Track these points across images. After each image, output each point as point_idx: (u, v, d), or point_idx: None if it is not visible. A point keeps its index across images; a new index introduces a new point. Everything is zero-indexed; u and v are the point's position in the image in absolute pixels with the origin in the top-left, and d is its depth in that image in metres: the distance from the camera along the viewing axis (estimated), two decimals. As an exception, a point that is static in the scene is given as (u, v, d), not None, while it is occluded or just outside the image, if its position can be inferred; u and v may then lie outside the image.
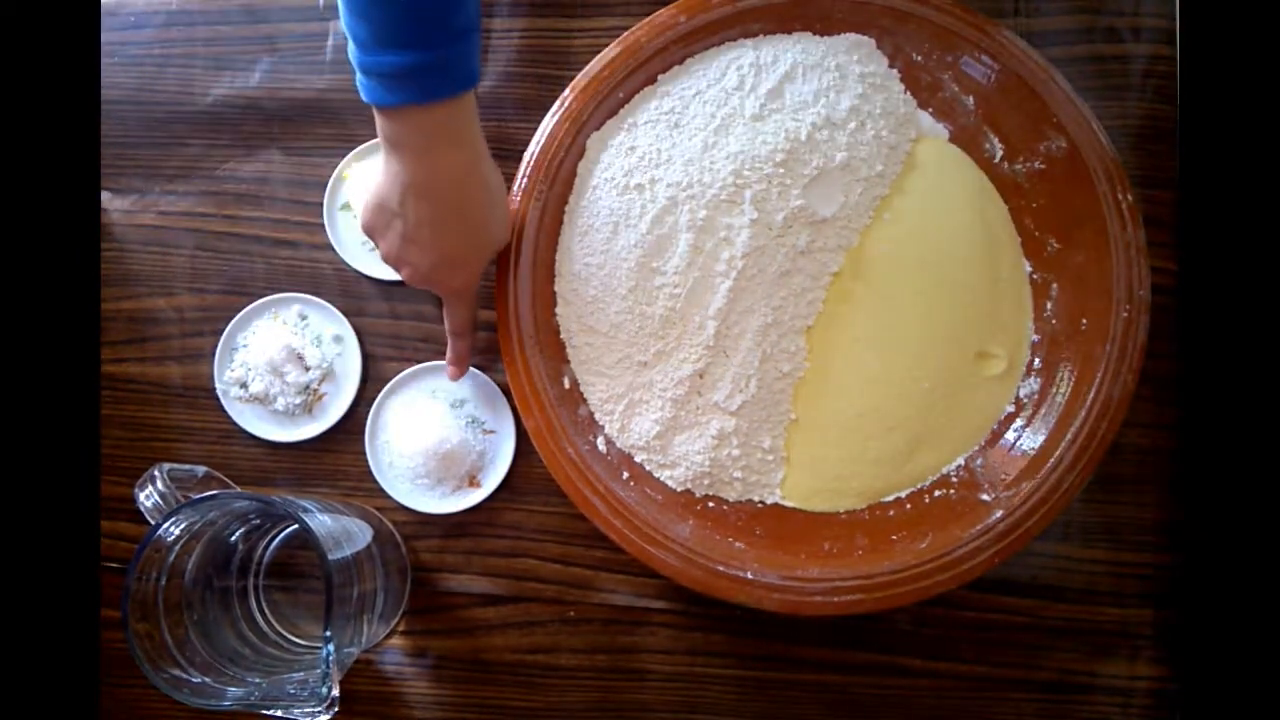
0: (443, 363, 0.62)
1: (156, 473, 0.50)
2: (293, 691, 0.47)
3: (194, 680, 0.48)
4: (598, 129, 0.59)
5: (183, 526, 0.50)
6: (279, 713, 0.46)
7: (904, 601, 0.51)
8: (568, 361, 0.58)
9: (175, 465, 0.53)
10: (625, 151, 0.58)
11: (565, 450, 0.54)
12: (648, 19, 0.58)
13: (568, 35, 0.67)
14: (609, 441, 0.57)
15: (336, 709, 0.46)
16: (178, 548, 0.51)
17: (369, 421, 0.63)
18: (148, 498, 0.49)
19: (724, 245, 0.55)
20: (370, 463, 0.62)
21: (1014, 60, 0.56)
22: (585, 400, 0.58)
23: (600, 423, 0.57)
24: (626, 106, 0.59)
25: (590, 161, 0.59)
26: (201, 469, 0.56)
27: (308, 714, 0.46)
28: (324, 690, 0.46)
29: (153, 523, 0.49)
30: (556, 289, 0.58)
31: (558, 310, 0.58)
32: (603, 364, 0.56)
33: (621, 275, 0.56)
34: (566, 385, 0.57)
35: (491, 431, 0.62)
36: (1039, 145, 0.57)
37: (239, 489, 0.60)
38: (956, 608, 0.60)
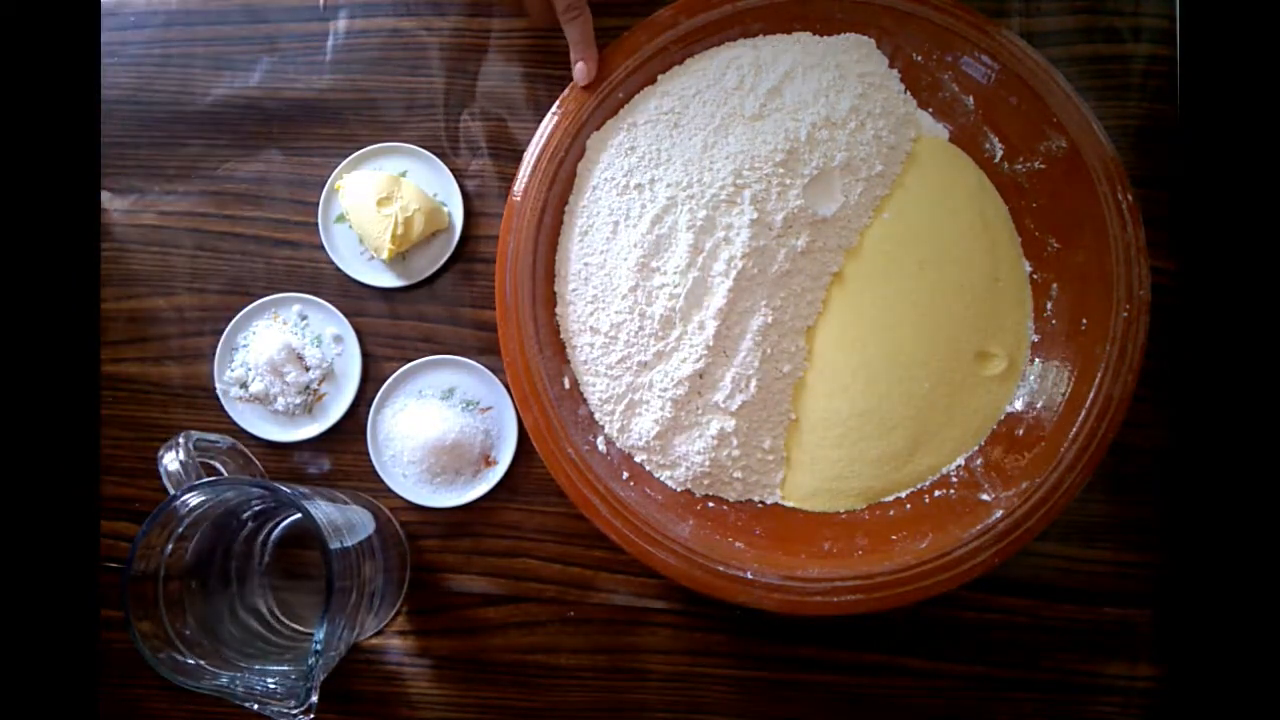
0: (427, 359, 0.63)
1: (182, 439, 0.50)
2: (273, 686, 0.47)
3: (181, 659, 0.48)
4: (598, 129, 0.59)
5: (194, 504, 0.51)
6: (255, 706, 0.46)
7: (904, 601, 0.51)
8: (568, 361, 0.58)
9: (202, 435, 0.53)
10: (625, 151, 0.58)
11: (565, 450, 0.54)
12: (648, 19, 0.58)
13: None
14: (609, 442, 0.57)
15: (313, 715, 0.46)
16: (188, 520, 0.51)
17: (370, 424, 0.63)
18: (171, 461, 0.50)
19: (724, 245, 0.55)
20: (376, 465, 0.62)
21: (1014, 60, 0.56)
22: (585, 400, 0.58)
23: (600, 423, 0.57)
24: (626, 106, 0.59)
25: (590, 161, 0.59)
26: (228, 440, 0.56)
27: (286, 713, 0.46)
28: (305, 688, 0.46)
29: (171, 489, 0.49)
30: (556, 289, 0.58)
31: (558, 310, 0.58)
32: (603, 364, 0.56)
33: (621, 275, 0.56)
34: (566, 385, 0.57)
35: (489, 408, 0.63)
36: (1039, 145, 0.57)
37: (260, 466, 0.60)
38: (956, 608, 0.60)
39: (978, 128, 0.59)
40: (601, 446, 0.56)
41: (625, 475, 0.56)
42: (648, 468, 0.57)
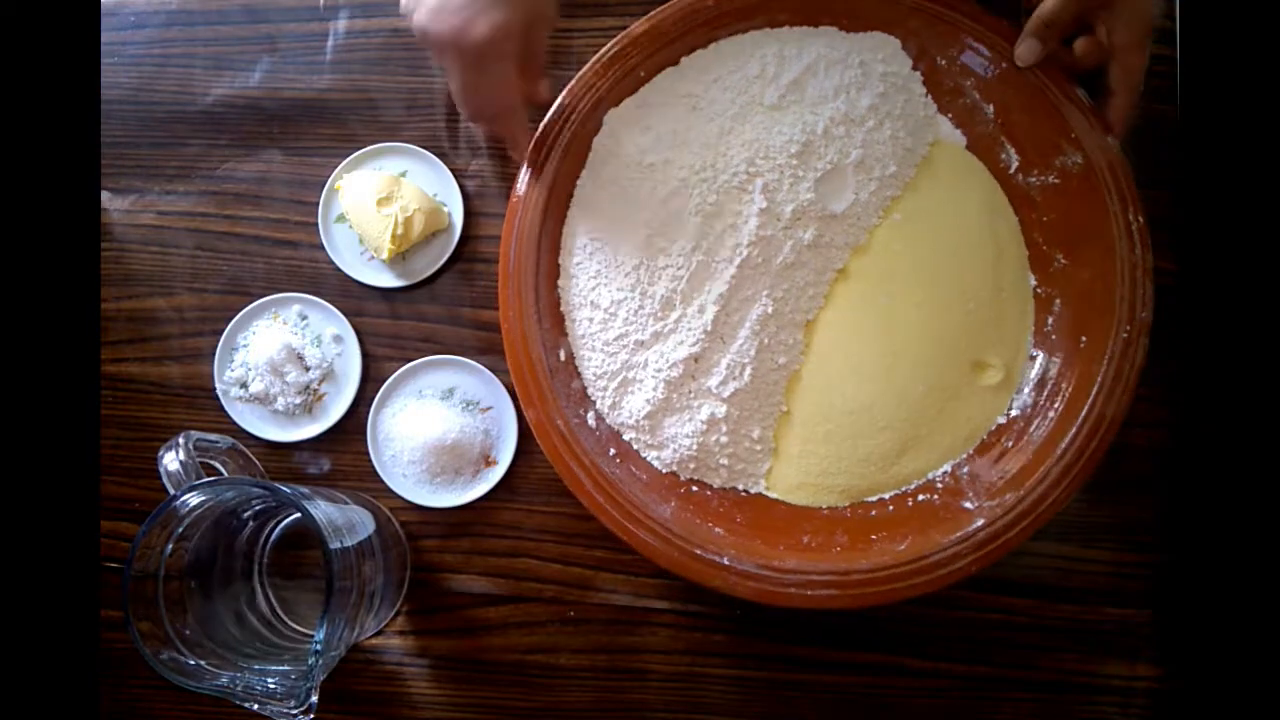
0: (427, 359, 0.63)
1: (182, 439, 0.50)
2: (273, 686, 0.47)
3: (181, 659, 0.48)
4: (616, 105, 0.59)
5: (194, 504, 0.51)
6: (254, 706, 0.46)
7: (878, 601, 0.50)
8: (566, 334, 0.58)
9: (202, 435, 0.53)
10: (641, 130, 0.58)
11: (554, 421, 0.54)
12: (677, 1, 0.58)
13: (567, 35, 0.67)
14: (599, 417, 0.57)
15: (312, 716, 0.46)
16: (188, 520, 0.51)
17: (370, 424, 0.63)
18: (171, 461, 0.50)
19: (731, 231, 0.55)
20: (376, 465, 0.62)
21: (1037, 72, 0.56)
22: (580, 374, 0.57)
23: (592, 398, 0.57)
24: (647, 85, 0.59)
25: (605, 137, 0.58)
26: (228, 440, 0.56)
27: (286, 713, 0.46)
28: (305, 688, 0.46)
29: (171, 489, 0.49)
30: (561, 261, 0.58)
31: (560, 283, 0.58)
32: (600, 339, 0.56)
33: (627, 252, 0.56)
34: (562, 357, 0.57)
35: (489, 408, 0.63)
36: (1055, 159, 0.56)
37: (260, 466, 0.60)
38: (956, 608, 0.60)
39: (995, 137, 0.59)
40: (591, 421, 0.56)
41: (612, 452, 0.56)
42: (635, 446, 0.57)
